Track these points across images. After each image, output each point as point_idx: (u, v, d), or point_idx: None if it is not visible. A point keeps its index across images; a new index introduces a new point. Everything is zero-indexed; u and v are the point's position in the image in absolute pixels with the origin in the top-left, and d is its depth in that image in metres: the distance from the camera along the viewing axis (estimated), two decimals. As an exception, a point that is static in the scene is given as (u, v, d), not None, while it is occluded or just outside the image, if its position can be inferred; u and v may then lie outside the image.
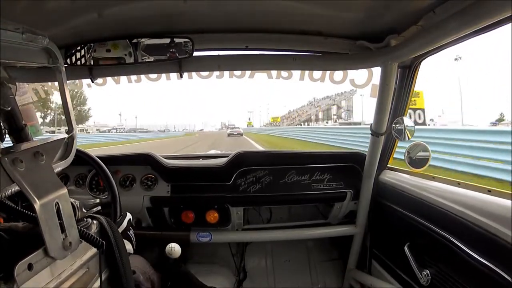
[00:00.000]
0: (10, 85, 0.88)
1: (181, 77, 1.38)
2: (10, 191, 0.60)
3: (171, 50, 1.22)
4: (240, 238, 1.84)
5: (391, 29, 1.15)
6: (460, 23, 0.85)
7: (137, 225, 1.67)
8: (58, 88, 0.86)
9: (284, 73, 1.85)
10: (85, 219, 0.82)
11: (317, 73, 1.81)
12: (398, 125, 1.38)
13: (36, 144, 0.72)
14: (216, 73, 1.76)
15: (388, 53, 1.21)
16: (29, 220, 0.68)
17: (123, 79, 1.83)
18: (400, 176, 1.48)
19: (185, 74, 1.40)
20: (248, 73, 1.86)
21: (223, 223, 1.70)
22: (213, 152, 2.29)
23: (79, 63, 1.22)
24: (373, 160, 1.54)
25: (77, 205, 0.93)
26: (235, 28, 1.25)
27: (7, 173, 0.59)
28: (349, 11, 1.06)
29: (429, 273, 1.11)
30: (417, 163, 1.39)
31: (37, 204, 0.61)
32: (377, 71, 1.34)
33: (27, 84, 1.57)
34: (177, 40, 1.21)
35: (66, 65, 1.19)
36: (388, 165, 1.61)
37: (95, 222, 0.83)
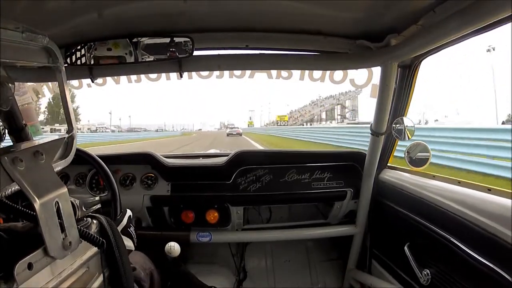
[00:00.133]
0: (9, 85, 0.88)
1: (181, 76, 1.38)
2: (10, 190, 0.60)
3: (171, 50, 1.22)
4: (240, 238, 1.84)
5: (391, 28, 1.15)
6: (460, 22, 0.85)
7: (137, 224, 1.67)
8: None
9: (284, 73, 1.86)
10: (85, 219, 0.82)
11: (317, 73, 1.81)
12: (398, 125, 1.38)
13: (36, 144, 0.72)
14: (216, 73, 1.76)
15: (388, 52, 1.21)
16: (29, 219, 0.68)
17: (123, 79, 1.83)
18: (400, 175, 1.47)
19: (185, 74, 1.40)
20: (248, 73, 1.86)
21: (223, 223, 1.70)
22: (213, 151, 2.29)
23: (79, 62, 1.22)
24: (373, 160, 1.54)
25: (77, 204, 0.93)
26: (235, 28, 1.25)
27: (7, 172, 0.59)
28: (349, 11, 1.06)
29: (429, 272, 1.11)
30: (417, 162, 1.39)
31: (37, 203, 0.60)
32: (377, 71, 1.34)
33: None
34: (177, 40, 1.21)
35: (66, 64, 1.19)
36: (388, 164, 1.61)
37: (95, 221, 0.83)
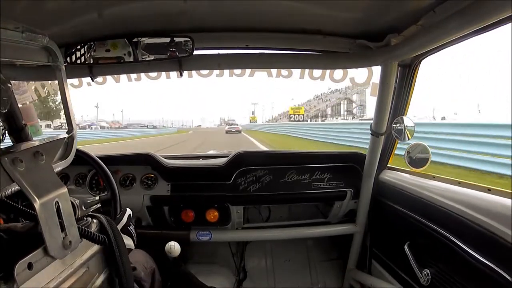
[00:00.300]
0: (8, 84, 0.88)
1: (181, 75, 1.38)
2: (10, 190, 0.60)
3: (171, 49, 1.22)
4: (240, 237, 1.84)
5: (391, 28, 1.15)
6: (460, 22, 0.85)
7: (137, 224, 1.67)
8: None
9: (284, 71, 1.86)
10: (85, 218, 0.83)
11: (317, 72, 1.81)
12: (398, 125, 1.38)
13: (36, 144, 0.72)
14: (216, 72, 1.76)
15: (388, 52, 1.21)
16: (29, 218, 0.68)
17: (123, 78, 1.83)
18: (400, 175, 1.48)
19: (185, 73, 1.40)
20: (248, 71, 1.86)
21: (223, 222, 1.70)
22: (212, 152, 2.29)
23: (79, 61, 1.22)
24: (373, 160, 1.54)
25: (77, 204, 0.93)
26: (235, 27, 1.25)
27: (7, 172, 0.59)
28: (349, 11, 1.06)
29: (429, 272, 1.11)
30: (417, 163, 1.39)
31: (37, 203, 0.61)
32: (377, 69, 1.34)
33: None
34: (177, 39, 1.21)
35: (66, 63, 1.18)
36: (388, 164, 1.61)
37: (95, 221, 0.83)
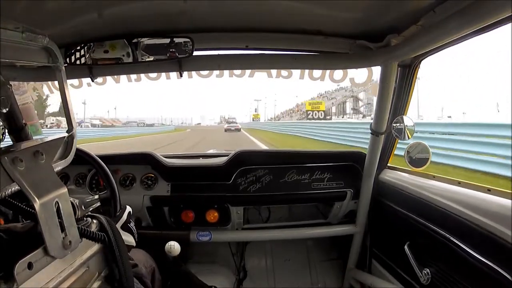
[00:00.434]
0: (8, 85, 0.88)
1: (181, 76, 1.39)
2: (10, 190, 0.60)
3: (171, 50, 1.22)
4: (240, 237, 1.84)
5: (391, 28, 1.15)
6: (460, 22, 0.85)
7: (137, 224, 1.66)
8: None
9: (284, 72, 1.85)
10: (85, 218, 0.83)
11: (317, 72, 1.80)
12: (398, 125, 1.38)
13: (36, 143, 0.72)
14: (216, 72, 1.76)
15: (388, 52, 1.21)
16: (29, 216, 0.68)
17: (123, 78, 1.83)
18: (400, 175, 1.47)
19: (185, 73, 1.40)
20: (248, 72, 1.86)
21: (223, 223, 1.70)
22: (213, 151, 2.29)
23: (79, 62, 1.22)
24: (373, 159, 1.54)
25: (76, 204, 0.93)
26: (235, 28, 1.25)
27: (7, 172, 0.59)
28: (349, 11, 1.06)
29: (429, 272, 1.11)
30: (417, 162, 1.39)
31: (37, 203, 0.61)
32: (377, 69, 1.34)
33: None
34: (177, 40, 1.21)
35: (66, 64, 1.19)
36: (388, 164, 1.61)
37: (95, 221, 0.83)
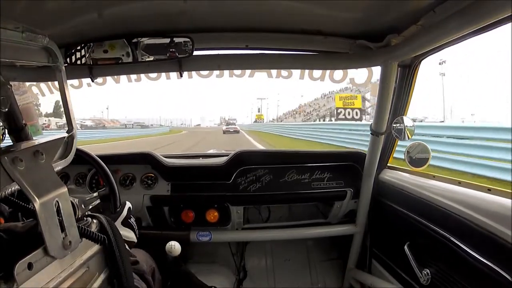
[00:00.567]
0: (8, 85, 0.88)
1: (181, 76, 1.38)
2: (10, 190, 0.60)
3: (171, 50, 1.22)
4: (240, 237, 1.84)
5: (391, 28, 1.15)
6: (460, 22, 0.85)
7: (137, 224, 1.67)
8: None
9: (284, 72, 1.86)
10: (85, 218, 0.82)
11: (317, 72, 1.81)
12: (398, 125, 1.38)
13: (36, 143, 0.72)
14: (216, 72, 1.76)
15: (388, 52, 1.21)
16: (30, 215, 0.68)
17: (123, 78, 1.84)
18: (400, 175, 1.47)
19: (185, 73, 1.40)
20: (248, 72, 1.86)
21: (223, 222, 1.70)
22: (213, 151, 2.29)
23: (79, 62, 1.22)
24: (373, 159, 1.54)
25: (76, 203, 0.93)
26: (235, 28, 1.25)
27: (7, 172, 0.59)
28: (349, 11, 1.06)
29: (429, 272, 1.11)
30: (417, 162, 1.39)
31: (37, 203, 0.61)
32: (377, 69, 1.34)
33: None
34: (177, 40, 1.21)
35: (66, 64, 1.19)
36: (388, 164, 1.61)
37: (95, 221, 0.83)
